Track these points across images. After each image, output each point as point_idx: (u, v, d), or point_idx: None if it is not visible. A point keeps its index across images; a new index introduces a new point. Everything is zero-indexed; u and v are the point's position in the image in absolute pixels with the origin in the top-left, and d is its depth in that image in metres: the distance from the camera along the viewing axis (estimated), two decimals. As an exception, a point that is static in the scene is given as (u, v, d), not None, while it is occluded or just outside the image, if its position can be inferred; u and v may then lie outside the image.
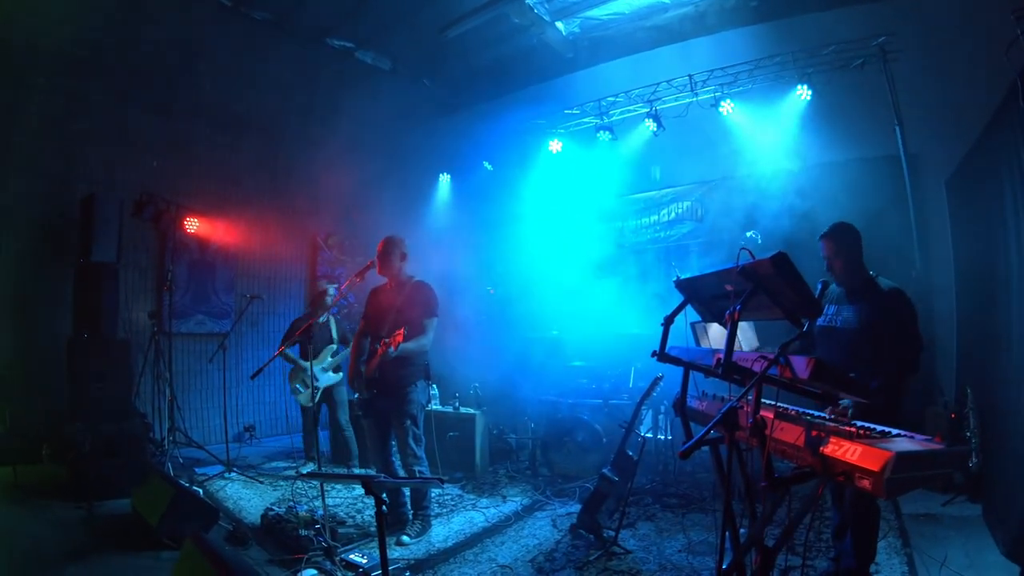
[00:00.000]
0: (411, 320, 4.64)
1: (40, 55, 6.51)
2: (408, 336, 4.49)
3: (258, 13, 8.11)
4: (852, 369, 3.25)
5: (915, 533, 4.45)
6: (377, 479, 2.56)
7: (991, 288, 4.63)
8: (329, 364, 6.63)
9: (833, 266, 3.67)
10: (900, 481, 1.87)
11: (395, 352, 4.34)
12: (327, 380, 6.62)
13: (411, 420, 4.66)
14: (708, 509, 5.16)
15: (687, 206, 8.25)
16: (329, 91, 8.83)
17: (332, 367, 6.65)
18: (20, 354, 6.42)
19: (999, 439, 4.39)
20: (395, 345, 4.30)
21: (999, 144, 4.33)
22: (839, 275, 3.68)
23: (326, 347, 6.68)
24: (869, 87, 6.61)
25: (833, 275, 3.70)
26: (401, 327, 4.39)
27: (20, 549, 4.18)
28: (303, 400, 6.55)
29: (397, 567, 4.03)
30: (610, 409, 6.20)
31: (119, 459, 5.37)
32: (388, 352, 4.34)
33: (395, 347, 4.30)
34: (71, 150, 6.85)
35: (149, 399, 6.95)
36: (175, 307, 7.39)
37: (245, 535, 4.47)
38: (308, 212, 9.13)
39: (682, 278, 3.02)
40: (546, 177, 9.16)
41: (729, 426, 2.21)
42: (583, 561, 4.22)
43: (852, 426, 2.27)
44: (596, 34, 8.78)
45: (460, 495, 5.83)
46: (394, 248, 4.83)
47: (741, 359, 2.45)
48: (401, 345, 4.36)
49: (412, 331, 4.59)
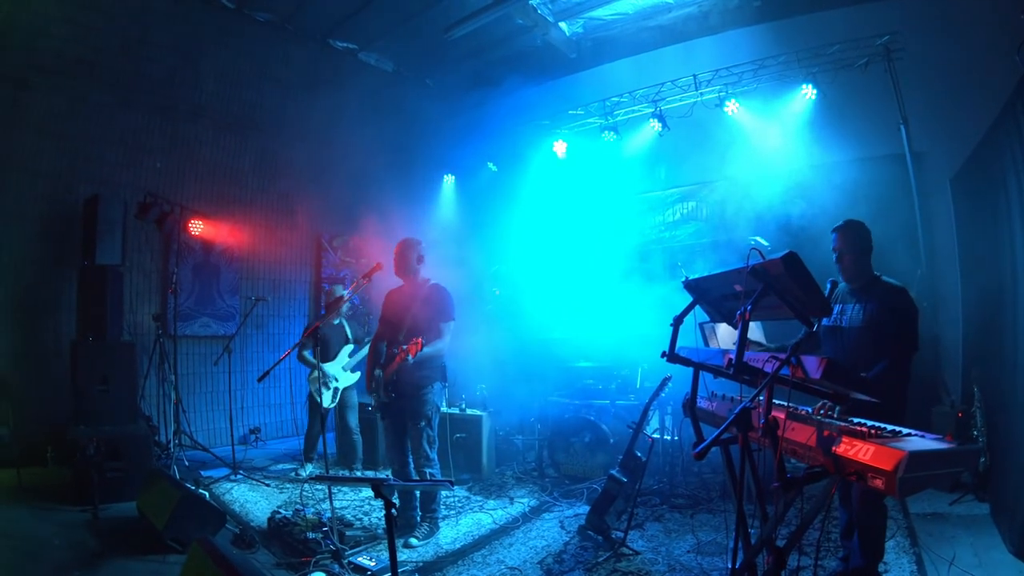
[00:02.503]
0: (428, 323, 4.64)
1: (42, 55, 6.52)
2: (425, 341, 4.49)
3: (261, 15, 8.14)
4: (857, 367, 3.26)
5: (923, 532, 4.43)
6: (387, 482, 2.55)
7: (997, 286, 4.61)
8: (348, 364, 6.68)
9: (843, 259, 3.69)
10: (913, 480, 1.86)
11: (413, 360, 4.34)
12: (347, 380, 6.67)
13: (426, 421, 4.66)
14: (716, 510, 5.15)
15: (692, 206, 8.24)
16: (332, 92, 8.83)
17: (351, 367, 6.71)
18: (24, 357, 6.43)
19: (1007, 438, 4.38)
20: (413, 354, 4.30)
21: (1005, 142, 4.31)
22: (847, 269, 3.70)
23: (343, 347, 6.72)
24: (874, 86, 6.60)
25: (841, 269, 3.72)
26: (419, 333, 4.40)
27: (25, 552, 4.17)
28: (326, 401, 6.56)
29: (405, 569, 4.04)
30: (617, 410, 6.18)
31: (124, 462, 5.37)
32: (407, 360, 4.34)
33: (413, 356, 4.30)
34: (74, 152, 6.85)
35: (154, 402, 6.93)
36: (179, 310, 7.40)
37: (252, 538, 4.46)
38: (312, 214, 9.12)
39: (691, 278, 3.02)
40: (551, 178, 9.16)
41: (743, 427, 2.20)
42: (592, 562, 4.21)
43: (863, 425, 2.26)
44: (600, 34, 8.79)
45: (467, 497, 5.81)
46: (411, 250, 4.80)
47: (752, 359, 2.45)
48: (420, 352, 4.37)
49: (429, 335, 4.59)
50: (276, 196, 8.87)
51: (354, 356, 6.69)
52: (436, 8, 7.87)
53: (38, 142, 6.59)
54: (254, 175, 8.64)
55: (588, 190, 8.92)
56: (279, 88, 8.67)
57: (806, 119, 6.99)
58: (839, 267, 3.72)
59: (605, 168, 8.71)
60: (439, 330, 4.68)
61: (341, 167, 8.87)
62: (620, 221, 8.76)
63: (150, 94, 7.46)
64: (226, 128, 8.29)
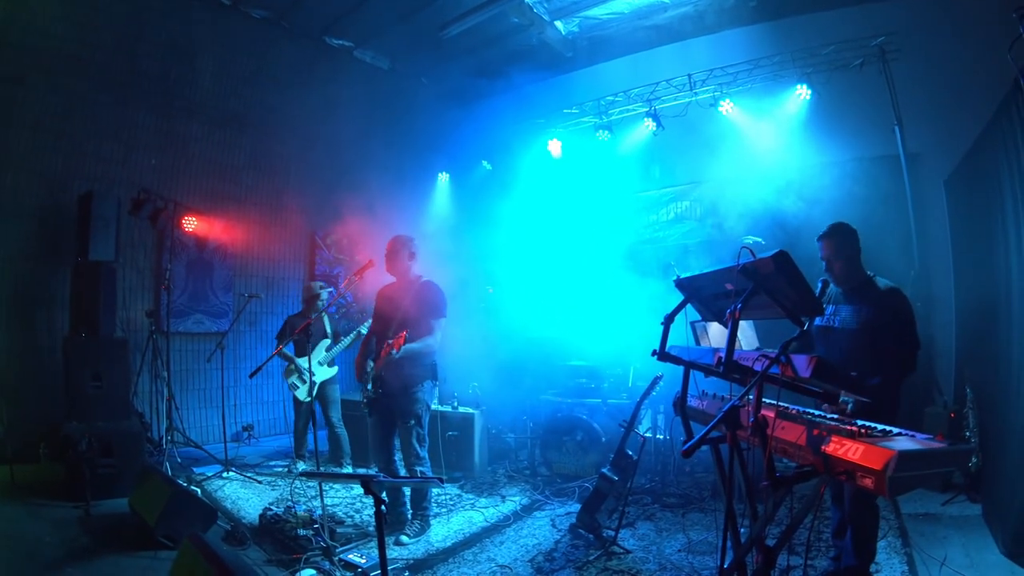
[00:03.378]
0: (418, 320, 4.61)
1: (37, 52, 6.49)
2: (414, 336, 4.48)
3: (257, 11, 8.11)
4: (850, 368, 3.25)
5: (915, 532, 4.45)
6: (376, 479, 2.54)
7: (990, 288, 4.63)
8: (324, 358, 6.63)
9: (832, 267, 3.66)
10: (903, 480, 1.86)
11: (399, 354, 4.31)
12: (323, 374, 6.63)
13: (416, 420, 4.64)
14: (707, 509, 5.16)
15: (686, 205, 8.25)
16: (328, 90, 8.81)
17: (327, 361, 6.66)
18: (17, 353, 6.39)
19: (998, 438, 4.39)
20: (398, 347, 4.26)
21: (999, 143, 4.32)
22: (838, 275, 3.68)
23: (320, 340, 6.69)
24: (868, 87, 6.62)
25: (832, 276, 3.69)
26: (405, 328, 4.37)
27: (18, 549, 4.16)
28: (301, 395, 6.54)
29: (396, 567, 4.03)
30: (609, 408, 6.20)
31: (117, 458, 5.35)
32: (392, 354, 4.30)
33: (398, 349, 4.27)
34: (68, 148, 6.81)
35: (147, 398, 6.92)
36: (173, 306, 7.36)
37: (243, 535, 4.45)
38: (306, 211, 9.10)
39: (682, 277, 3.01)
40: (545, 176, 9.16)
41: (731, 425, 2.21)
42: (582, 561, 4.22)
43: (853, 425, 2.26)
44: (595, 33, 8.79)
45: (459, 495, 5.81)
46: (402, 247, 4.78)
47: (742, 358, 2.45)
48: (406, 347, 4.34)
49: (419, 331, 4.57)
50: (270, 193, 8.85)
51: (331, 351, 6.66)
52: (432, 6, 7.86)
53: (33, 138, 6.55)
54: (248, 172, 8.61)
55: (582, 189, 8.92)
56: (274, 85, 8.64)
57: (801, 119, 7.00)
58: (829, 274, 3.69)
59: (599, 167, 8.71)
60: (430, 327, 4.66)
61: (336, 164, 8.85)
62: (614, 220, 8.76)
63: (145, 91, 7.42)
64: (221, 125, 8.26)
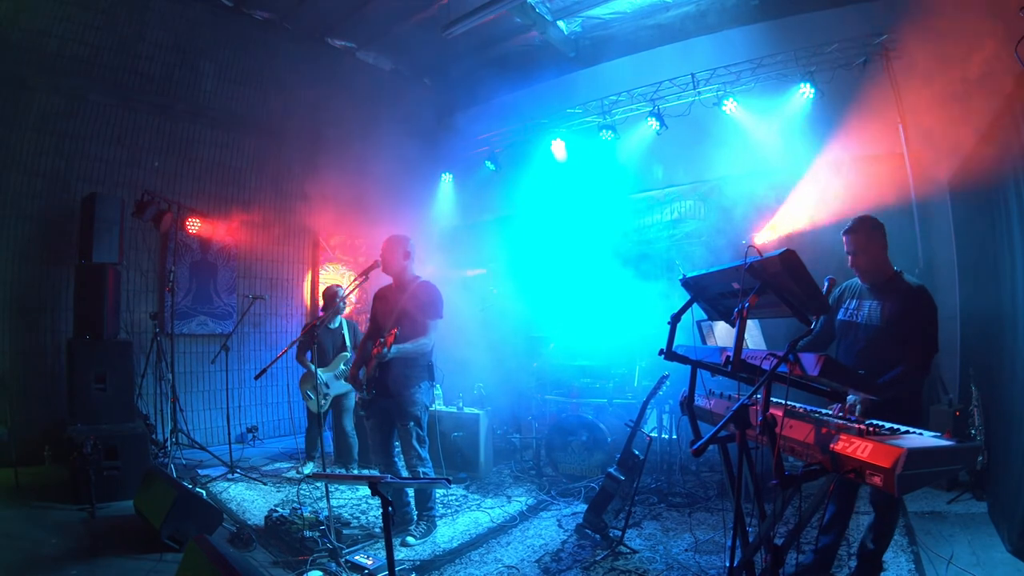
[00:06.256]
0: (413, 320, 4.60)
1: (40, 54, 6.51)
2: (409, 336, 4.46)
3: (259, 13, 8.14)
4: (871, 365, 3.19)
5: (921, 531, 4.44)
6: (384, 480, 2.54)
7: (995, 285, 4.62)
8: (341, 372, 6.57)
9: (857, 262, 3.52)
10: (912, 477, 1.86)
11: (390, 353, 4.28)
12: (338, 388, 6.58)
13: (415, 421, 4.62)
14: (714, 508, 5.15)
15: (690, 205, 8.23)
16: (330, 91, 8.82)
17: (344, 376, 6.57)
18: (21, 356, 6.41)
19: (1004, 436, 4.38)
20: (388, 345, 4.23)
21: (1004, 142, 4.31)
22: (862, 271, 3.54)
23: (339, 355, 6.64)
24: (872, 85, 6.59)
25: (856, 271, 3.57)
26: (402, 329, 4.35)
27: (22, 551, 4.16)
28: (312, 407, 6.51)
29: (403, 568, 4.03)
30: (615, 408, 6.19)
31: (121, 461, 5.35)
32: (383, 352, 4.27)
33: (389, 347, 4.24)
34: (71, 150, 6.84)
35: (151, 400, 6.93)
36: (177, 308, 7.38)
37: (249, 537, 4.44)
38: (310, 212, 9.10)
39: (688, 276, 3.00)
40: (548, 176, 9.14)
41: (740, 424, 2.20)
42: (589, 561, 4.21)
43: (861, 423, 2.26)
44: (598, 33, 8.78)
45: (465, 495, 5.81)
46: (397, 246, 4.75)
47: (750, 356, 2.44)
48: (399, 346, 4.32)
49: (414, 331, 4.56)
50: (273, 194, 8.86)
51: (349, 365, 6.61)
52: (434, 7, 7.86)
53: (36, 141, 6.58)
54: (252, 174, 8.63)
55: (586, 189, 8.90)
56: (277, 87, 8.65)
57: (804, 118, 6.98)
58: (854, 268, 3.55)
59: (603, 167, 8.69)
60: (425, 327, 4.64)
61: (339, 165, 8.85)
62: (618, 220, 8.74)
63: (148, 93, 7.44)
64: (224, 127, 8.27)
